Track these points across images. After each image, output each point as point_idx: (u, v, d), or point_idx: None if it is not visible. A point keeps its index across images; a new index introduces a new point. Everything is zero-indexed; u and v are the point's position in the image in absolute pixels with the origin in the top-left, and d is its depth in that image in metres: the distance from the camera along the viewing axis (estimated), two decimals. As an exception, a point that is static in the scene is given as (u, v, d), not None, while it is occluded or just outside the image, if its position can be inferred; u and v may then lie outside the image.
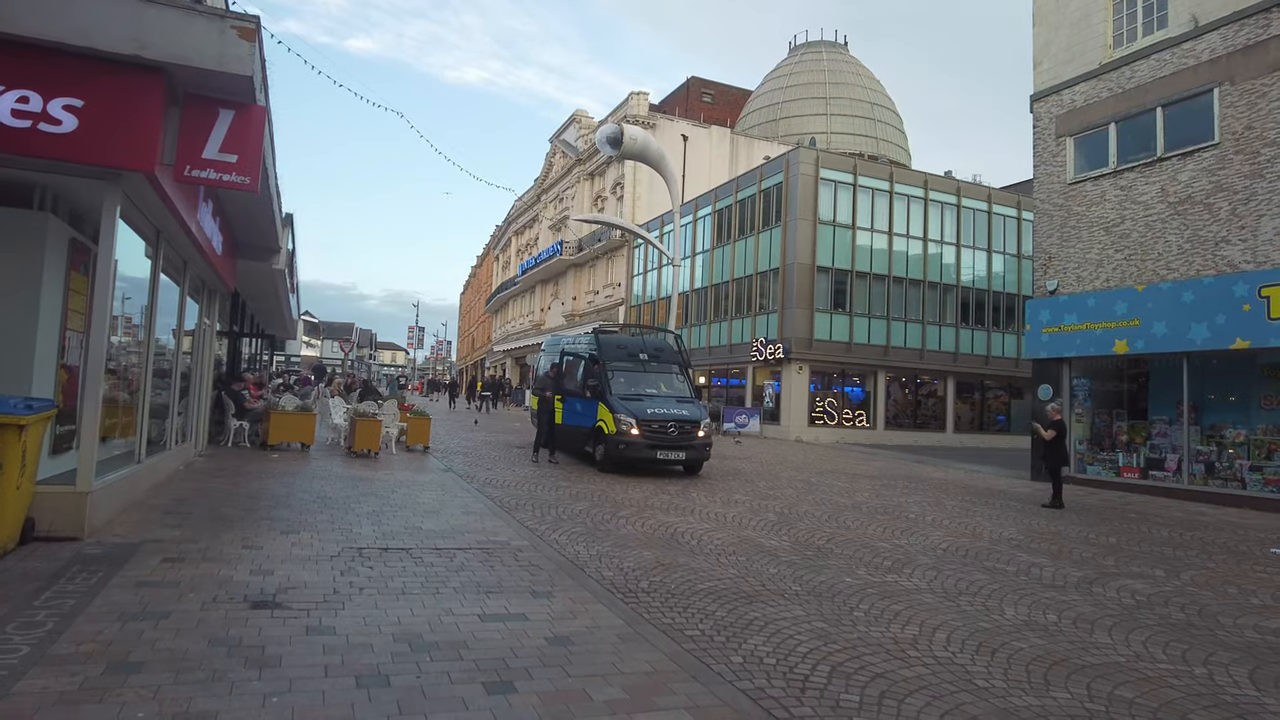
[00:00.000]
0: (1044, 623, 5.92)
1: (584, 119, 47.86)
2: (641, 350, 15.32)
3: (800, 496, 12.32)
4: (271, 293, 17.86)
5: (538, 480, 12.45)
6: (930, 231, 28.86)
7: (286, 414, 14.19)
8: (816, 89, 54.17)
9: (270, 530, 7.24)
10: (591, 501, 10.57)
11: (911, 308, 28.52)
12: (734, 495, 12.02)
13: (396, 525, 7.95)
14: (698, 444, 13.83)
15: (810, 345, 26.17)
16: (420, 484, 11.11)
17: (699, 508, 10.59)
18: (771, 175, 28.11)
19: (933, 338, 28.80)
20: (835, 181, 27.06)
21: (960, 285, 29.58)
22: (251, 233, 12.81)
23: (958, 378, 29.58)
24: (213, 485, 9.74)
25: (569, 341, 17.38)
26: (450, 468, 13.42)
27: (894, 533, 9.48)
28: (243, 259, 13.83)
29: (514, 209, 65.49)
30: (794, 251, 26.21)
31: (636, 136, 23.77)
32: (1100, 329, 15.67)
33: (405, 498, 9.78)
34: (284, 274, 15.29)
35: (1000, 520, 10.98)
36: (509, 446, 18.20)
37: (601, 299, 42.38)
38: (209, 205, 9.65)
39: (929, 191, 28.87)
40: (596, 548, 7.62)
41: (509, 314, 63.57)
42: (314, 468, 12.22)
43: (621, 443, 13.43)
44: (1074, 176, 16.68)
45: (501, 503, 9.99)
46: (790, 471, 16.21)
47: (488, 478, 12.41)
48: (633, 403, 13.86)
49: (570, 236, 46.30)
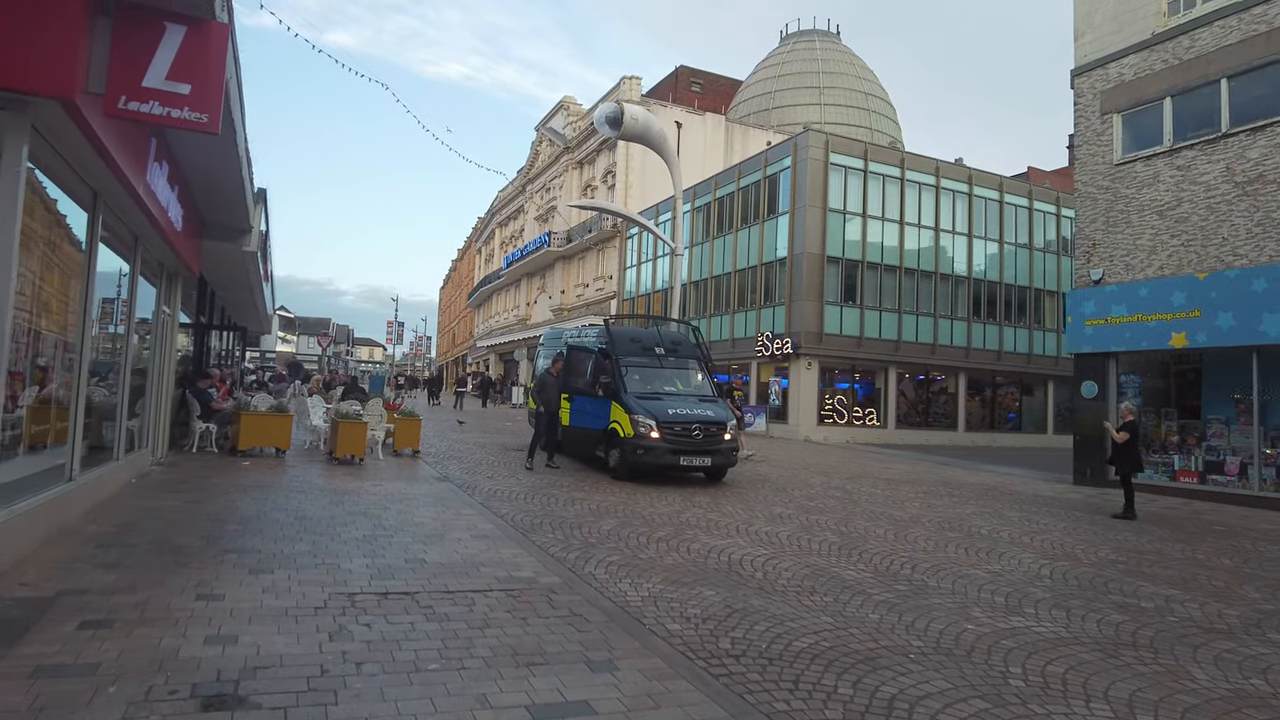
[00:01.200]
0: (1255, 691, 4.53)
1: (572, 106, 46.24)
2: (658, 343, 13.83)
3: (847, 509, 10.91)
4: (243, 280, 16.14)
5: (548, 491, 10.93)
6: (941, 221, 27.62)
7: (259, 415, 12.54)
8: (809, 78, 52.89)
9: (236, 569, 5.68)
10: (618, 519, 9.07)
11: (923, 301, 27.27)
12: (774, 509, 10.58)
13: (394, 557, 6.41)
14: (724, 448, 12.37)
15: (820, 340, 24.82)
16: (416, 498, 9.55)
17: (742, 525, 9.13)
18: (777, 160, 26.69)
19: (944, 332, 27.59)
20: (845, 167, 25.70)
21: (972, 278, 28.39)
22: (218, 207, 11.18)
23: (969, 374, 28.40)
24: (168, 503, 8.12)
25: (573, 334, 15.84)
26: (446, 476, 11.87)
27: (979, 555, 8.09)
28: (209, 239, 12.16)
29: (497, 200, 63.66)
30: (803, 240, 24.83)
31: (638, 116, 22.22)
32: (1154, 321, 14.41)
33: (400, 517, 8.23)
34: (256, 259, 13.62)
35: (1083, 536, 9.64)
36: (506, 450, 16.64)
37: (592, 292, 40.82)
38: (163, 168, 8.03)
39: (940, 179, 27.62)
40: (646, 585, 6.15)
41: (492, 308, 61.77)
42: (291, 478, 10.61)
43: (640, 447, 11.94)
44: (1122, 156, 15.40)
45: (515, 522, 8.48)
46: (816, 477, 14.82)
47: (491, 488, 10.87)
48: (651, 402, 12.37)
49: (559, 227, 44.67)
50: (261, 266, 15.71)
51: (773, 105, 51.70)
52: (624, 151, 38.06)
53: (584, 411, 13.60)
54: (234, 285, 17.33)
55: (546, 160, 49.23)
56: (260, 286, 17.22)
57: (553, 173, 47.74)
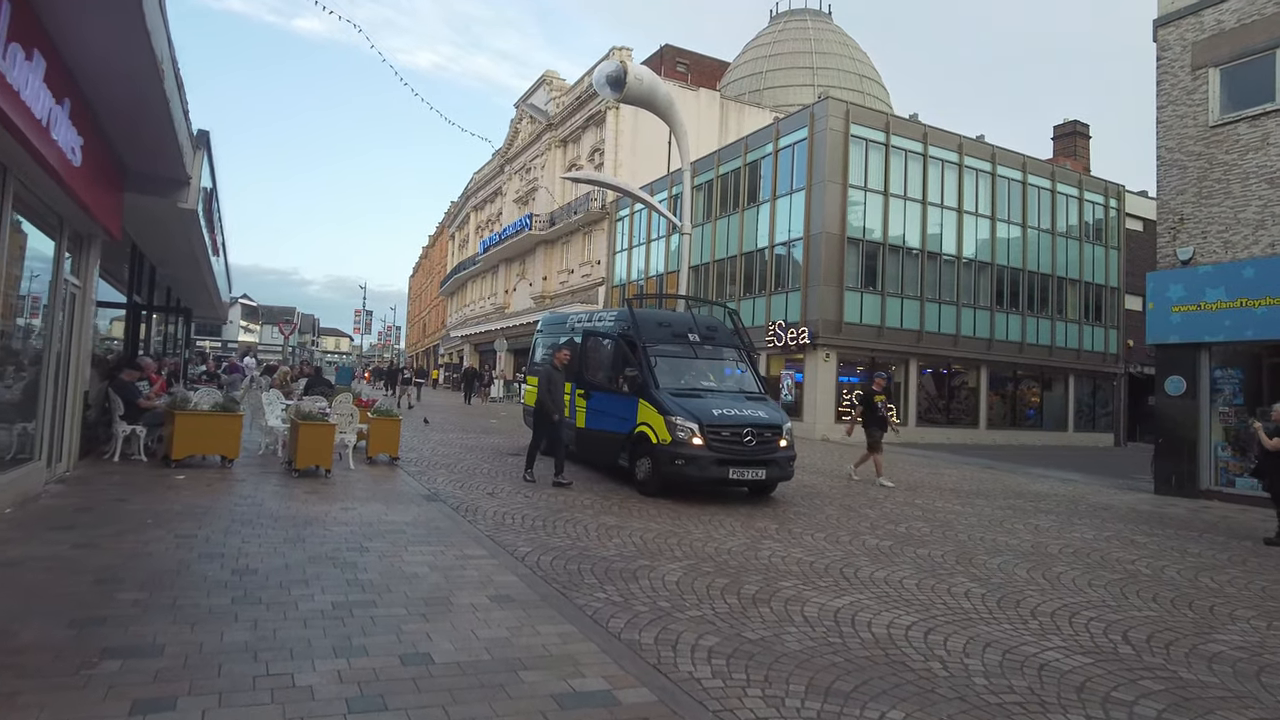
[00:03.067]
0: None
1: (554, 81, 43.56)
2: (691, 328, 11.46)
3: (948, 537, 8.69)
4: (186, 252, 13.44)
5: (569, 514, 8.54)
6: (965, 202, 25.56)
7: (198, 415, 9.95)
8: (802, 58, 50.77)
9: (107, 704, 3.22)
10: (679, 560, 6.73)
11: (945, 288, 25.21)
12: (862, 537, 8.31)
13: (382, 652, 4.02)
14: (780, 457, 10.07)
15: (839, 329, 22.61)
16: (401, 529, 7.11)
17: (844, 568, 6.85)
18: (791, 132, 24.38)
19: (966, 322, 25.56)
20: (866, 140, 23.48)
21: (995, 264, 26.40)
22: (142, 148, 8.60)
23: (990, 367, 26.44)
24: (41, 551, 5.59)
25: (583, 318, 13.42)
26: (435, 493, 9.42)
27: (1174, 609, 5.89)
28: (135, 193, 9.55)
29: (473, 182, 60.67)
30: (821, 219, 22.57)
31: (643, 76, 19.78)
32: (1263, 306, 12.39)
33: (384, 564, 5.81)
34: (199, 222, 10.97)
35: (1271, 574, 7.50)
36: (500, 454, 14.18)
37: (577, 279, 38.29)
38: (36, 64, 5.47)
39: (963, 156, 25.55)
40: (793, 704, 3.81)
41: (467, 296, 58.87)
42: (236, 500, 8.08)
43: (679, 456, 9.59)
44: (1219, 117, 13.35)
45: (543, 570, 6.11)
46: (871, 488, 12.61)
47: (495, 511, 8.46)
48: (691, 400, 10.02)
49: (540, 209, 42.01)
50: (208, 236, 13.02)
51: (764, 85, 49.45)
52: (613, 127, 35.56)
53: (603, 411, 11.21)
54: (177, 258, 14.62)
55: (527, 139, 46.47)
56: (208, 261, 14.50)
57: (534, 151, 45.01)
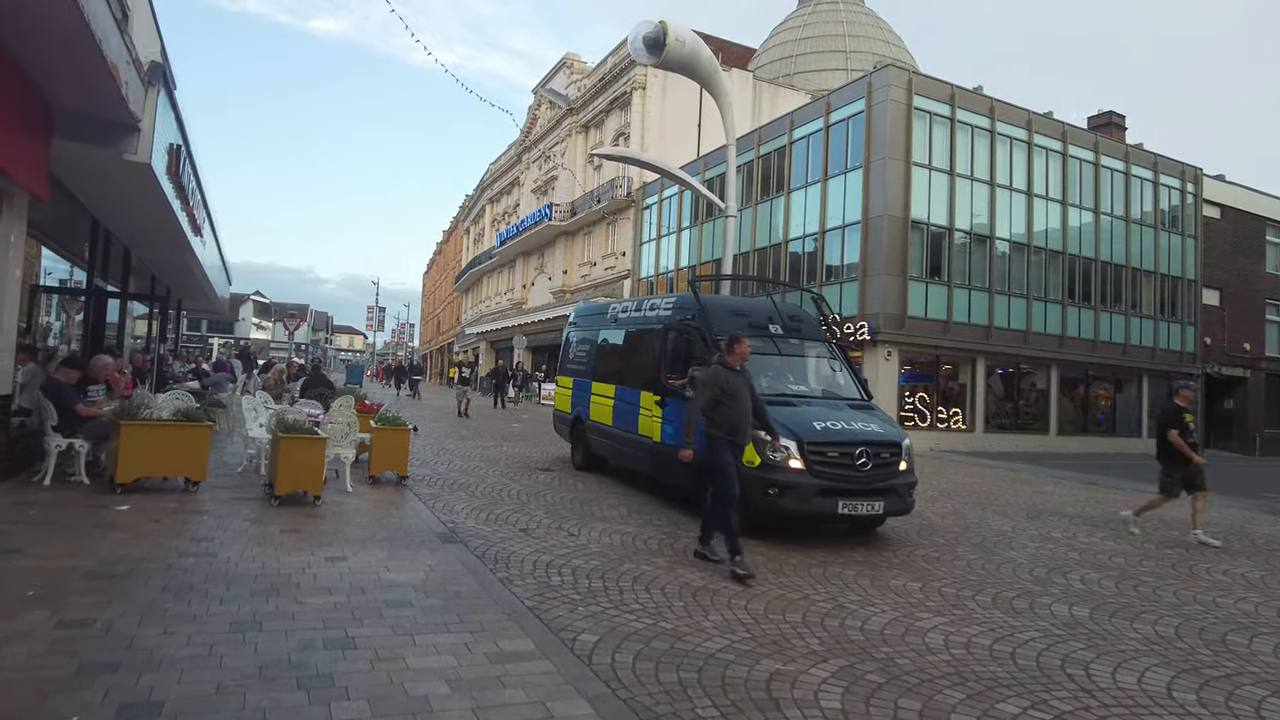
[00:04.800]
0: None
1: (575, 64, 41.32)
2: (771, 318, 9.16)
3: (1139, 594, 6.39)
4: (154, 225, 11.28)
5: (636, 570, 6.32)
6: (1034, 184, 23.08)
7: (150, 426, 7.76)
8: (834, 41, 48.44)
9: None
10: (818, 654, 4.51)
11: (1014, 279, 22.74)
12: (1039, 599, 6.03)
13: None
14: (899, 484, 7.79)
15: (902, 324, 20.23)
16: (407, 601, 4.90)
17: (1062, 662, 4.55)
18: (844, 105, 21.96)
19: (1037, 317, 23.09)
20: (929, 113, 21.07)
21: (1066, 253, 23.89)
22: (62, 78, 6.45)
23: (1061, 367, 23.94)
24: None
25: (627, 307, 11.16)
26: (454, 530, 7.23)
27: None
28: (66, 139, 7.39)
29: (488, 174, 58.54)
30: (882, 201, 20.18)
31: (685, 38, 17.50)
32: None
33: (378, 683, 3.62)
34: (158, 184, 8.79)
35: None
36: (527, 468, 11.98)
37: (600, 271, 36.03)
38: None
39: (1033, 134, 23.07)
40: None
41: (483, 292, 56.79)
42: (181, 550, 5.88)
43: (772, 484, 7.33)
44: None
45: (630, 691, 3.91)
46: (991, 517, 10.31)
47: (536, 561, 6.26)
48: (781, 410, 7.75)
49: (561, 199, 39.79)
50: (179, 206, 10.84)
51: (794, 70, 47.05)
52: (639, 110, 33.27)
53: (673, 422, 8.92)
54: (147, 235, 12.48)
55: (546, 125, 44.25)
56: (186, 241, 12.31)
57: (553, 139, 42.79)
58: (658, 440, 9.06)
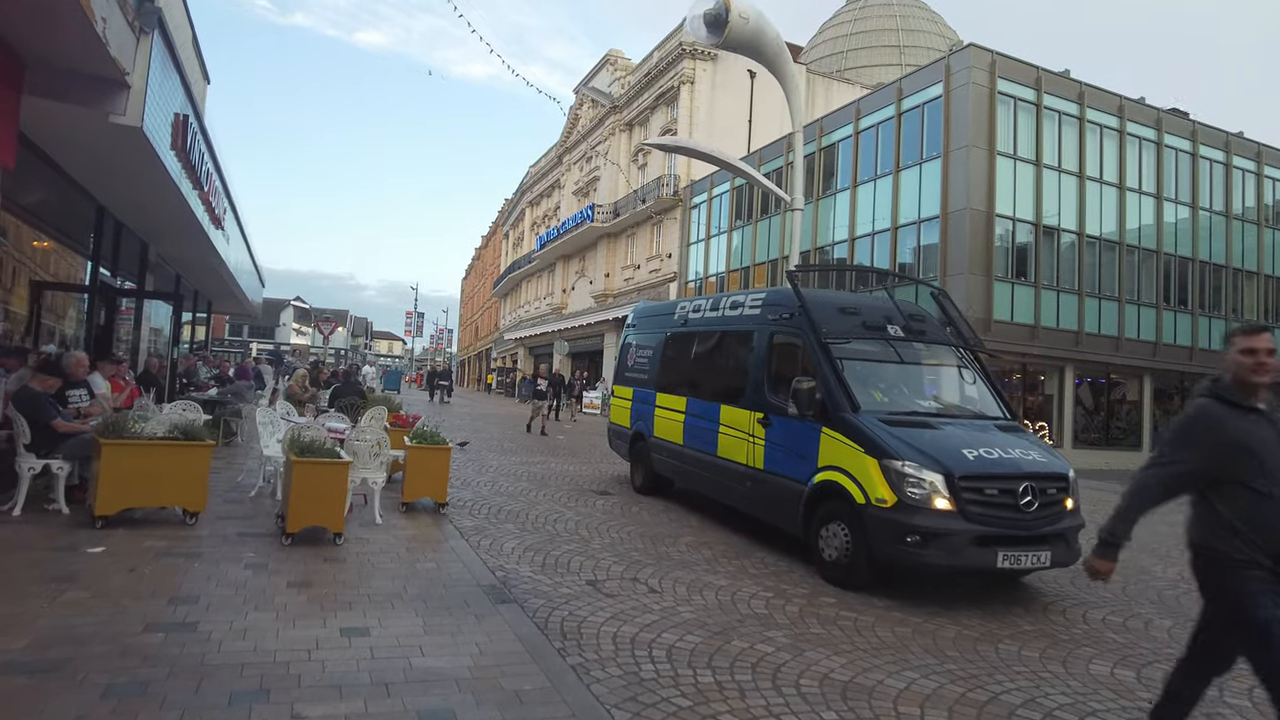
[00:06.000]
0: None
1: (619, 61, 39.97)
2: (888, 318, 7.51)
3: None
4: (158, 208, 10.00)
5: (753, 649, 4.79)
6: (1126, 177, 21.03)
7: (136, 446, 6.40)
8: (888, 36, 46.53)
9: None
10: None
11: (1105, 281, 20.70)
12: None
13: None
14: (1067, 530, 6.12)
15: (988, 328, 18.33)
16: (455, 714, 3.38)
17: None
18: (918, 91, 20.17)
19: (1130, 322, 21.01)
20: (1014, 98, 19.21)
21: (1161, 252, 21.75)
22: (24, 13, 5.14)
23: (1155, 377, 21.81)
24: None
25: (700, 305, 9.59)
26: (504, 579, 5.78)
27: None
28: (37, 96, 6.10)
29: (528, 177, 57.50)
30: (963, 194, 18.36)
31: (748, 14, 15.90)
32: None
33: None
34: (155, 153, 7.46)
35: None
36: (580, 490, 10.49)
37: (644, 274, 34.53)
38: None
39: (1124, 121, 21.03)
40: None
41: (522, 297, 55.66)
42: (150, 618, 4.47)
43: (913, 530, 5.70)
44: None
45: None
46: (1147, 560, 8.52)
47: (616, 633, 4.76)
48: (918, 433, 6.13)
49: (603, 199, 38.40)
50: (194, 192, 9.56)
51: (846, 66, 45.16)
52: (687, 105, 31.76)
53: (780, 447, 7.27)
54: (159, 226, 11.26)
55: (588, 125, 42.95)
56: (201, 231, 11.04)
57: (596, 138, 41.46)
58: (758, 467, 7.44)
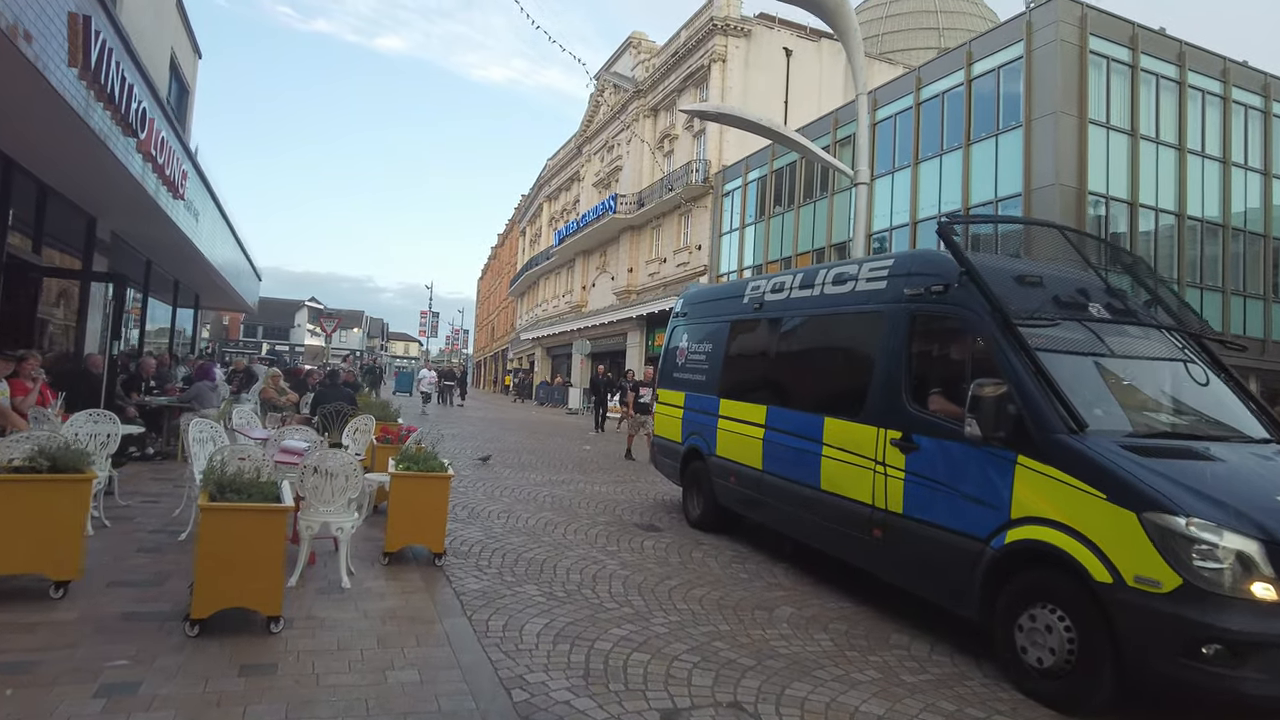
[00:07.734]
0: None
1: (643, 43, 37.71)
2: (1085, 293, 5.15)
3: None
4: (90, 174, 7.83)
5: None
6: (1232, 151, 18.47)
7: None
8: (926, 18, 44.13)
9: None
10: None
11: (1207, 269, 18.16)
12: None
13: None
14: None
15: (1081, 322, 15.95)
16: None
17: None
18: (992, 54, 17.68)
19: (1235, 315, 18.46)
20: (1107, 58, 16.73)
21: (1269, 237, 19.17)
22: None
23: (1263, 376, 19.21)
24: None
25: (785, 283, 7.22)
26: (529, 717, 3.43)
27: None
28: None
29: (545, 170, 55.34)
30: (1050, 168, 15.91)
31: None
32: None
33: None
34: (26, 62, 5.28)
35: None
36: (620, 522, 8.21)
37: (671, 269, 32.22)
38: None
39: (1229, 88, 18.47)
40: None
41: (539, 295, 53.51)
42: None
43: (1215, 635, 3.35)
44: None
45: None
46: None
47: None
48: (1193, 468, 3.79)
49: (626, 189, 36.14)
50: (125, 136, 7.39)
51: (880, 50, 42.71)
52: (718, 84, 29.44)
53: (933, 483, 4.93)
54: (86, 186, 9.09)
55: (609, 112, 40.72)
56: (149, 200, 8.87)
57: (617, 126, 39.22)
58: (894, 510, 5.14)
